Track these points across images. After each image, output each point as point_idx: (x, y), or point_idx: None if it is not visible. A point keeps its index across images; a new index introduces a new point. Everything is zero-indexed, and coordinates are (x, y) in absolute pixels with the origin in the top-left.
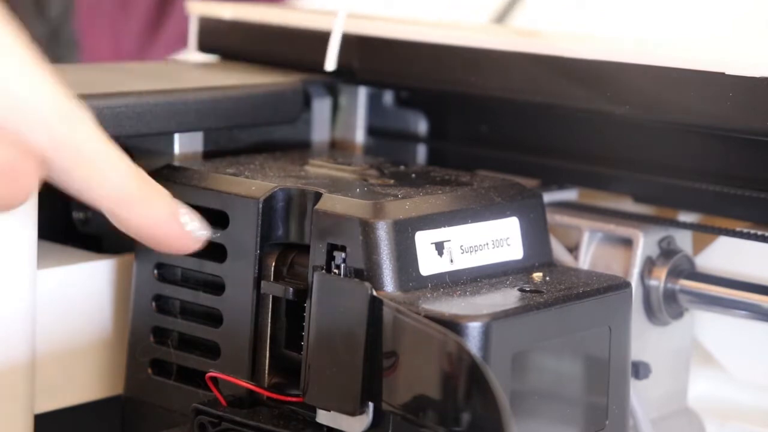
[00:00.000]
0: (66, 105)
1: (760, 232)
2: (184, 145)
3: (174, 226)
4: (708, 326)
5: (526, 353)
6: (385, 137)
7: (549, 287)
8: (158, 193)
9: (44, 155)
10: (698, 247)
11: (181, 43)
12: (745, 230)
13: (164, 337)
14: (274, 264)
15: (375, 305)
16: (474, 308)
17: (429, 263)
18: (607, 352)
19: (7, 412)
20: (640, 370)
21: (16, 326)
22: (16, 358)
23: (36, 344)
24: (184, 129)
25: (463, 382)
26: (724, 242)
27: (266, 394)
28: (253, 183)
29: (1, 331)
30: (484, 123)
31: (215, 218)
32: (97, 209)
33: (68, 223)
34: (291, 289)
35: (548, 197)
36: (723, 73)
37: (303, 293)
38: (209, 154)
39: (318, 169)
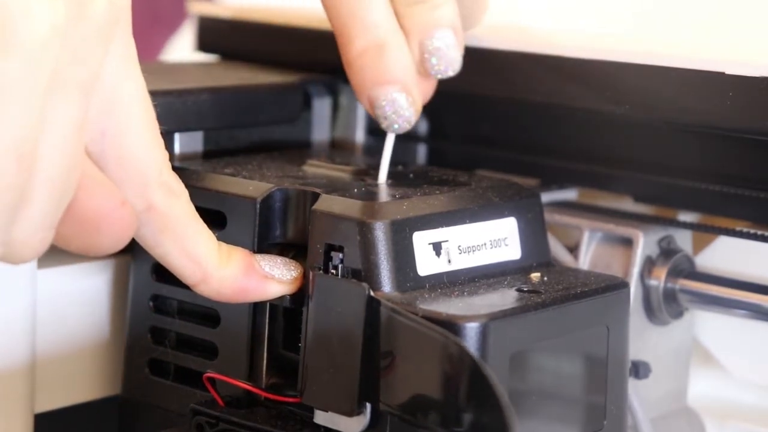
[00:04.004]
0: (167, 174)
1: (760, 232)
2: (184, 144)
3: (252, 277)
4: (708, 326)
5: (524, 353)
6: (385, 137)
7: (547, 287)
8: (230, 252)
9: (138, 215)
10: (698, 246)
11: None
12: (745, 230)
13: (162, 337)
14: None
15: (372, 305)
16: (472, 308)
17: (427, 263)
18: (605, 352)
19: (7, 412)
20: (640, 370)
21: (16, 326)
22: (16, 358)
23: (36, 344)
24: (184, 129)
25: (461, 383)
26: (724, 242)
27: (264, 394)
28: (250, 183)
29: (1, 331)
30: (484, 123)
31: (213, 218)
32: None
33: None
34: None
35: (548, 197)
36: (723, 73)
37: (300, 294)
38: (209, 154)
39: (316, 169)
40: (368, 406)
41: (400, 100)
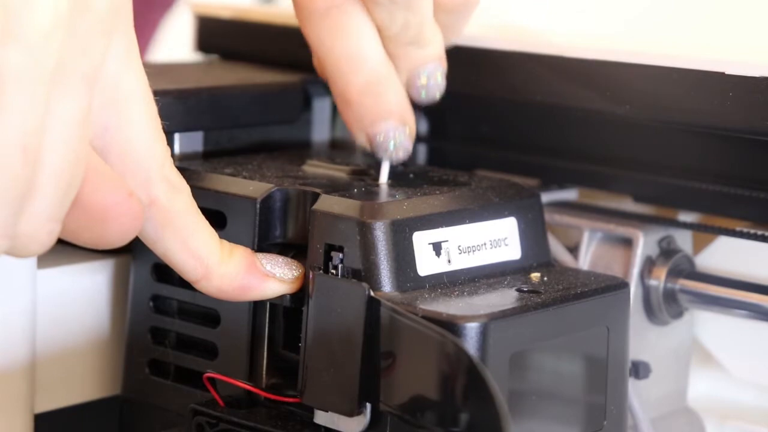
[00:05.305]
0: (169, 169)
1: (760, 232)
2: (184, 144)
3: (254, 275)
4: (708, 326)
5: (524, 353)
6: None
7: (547, 287)
8: (232, 249)
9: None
10: (698, 246)
11: None
12: (745, 230)
13: (162, 337)
14: None
15: (372, 305)
16: (471, 308)
17: (427, 263)
18: (605, 353)
19: (7, 412)
20: (640, 370)
21: (16, 326)
22: (16, 358)
23: (36, 344)
24: (184, 129)
25: (460, 383)
26: (724, 242)
27: (264, 394)
28: (250, 183)
29: (1, 331)
30: (484, 123)
31: (213, 218)
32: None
33: None
34: None
35: (548, 197)
36: (723, 73)
37: (300, 294)
38: (209, 154)
39: (316, 169)
40: (368, 406)
41: (400, 132)
